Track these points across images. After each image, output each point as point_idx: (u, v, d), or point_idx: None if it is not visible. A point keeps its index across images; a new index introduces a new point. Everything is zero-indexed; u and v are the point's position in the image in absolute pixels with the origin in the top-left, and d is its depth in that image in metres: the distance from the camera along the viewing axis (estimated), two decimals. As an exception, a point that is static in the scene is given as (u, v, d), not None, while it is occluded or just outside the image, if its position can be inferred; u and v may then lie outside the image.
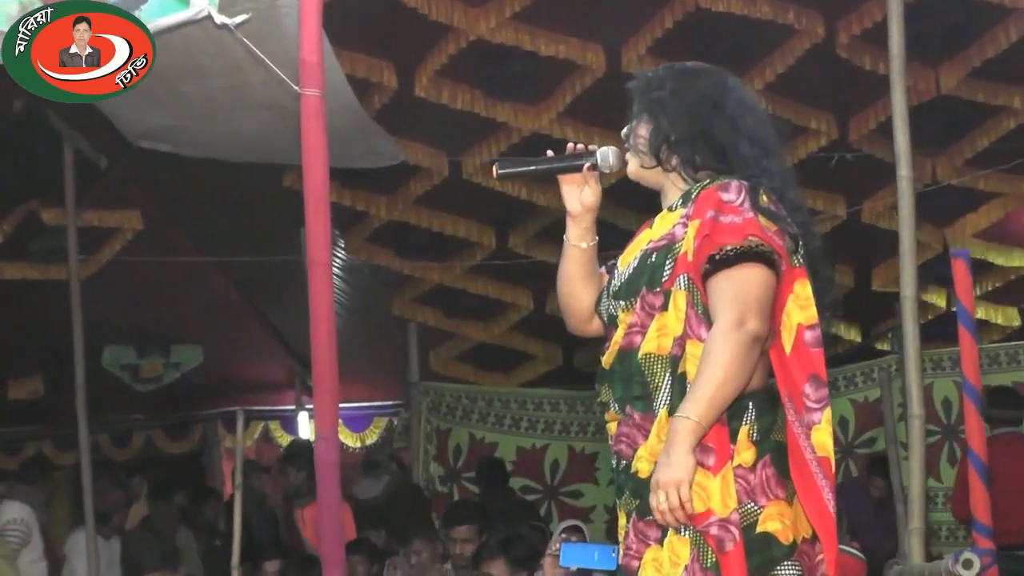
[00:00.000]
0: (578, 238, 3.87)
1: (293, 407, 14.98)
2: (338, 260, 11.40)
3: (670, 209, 3.73)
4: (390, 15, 8.30)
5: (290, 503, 11.17)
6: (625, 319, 3.66)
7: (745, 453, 3.52)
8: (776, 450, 3.55)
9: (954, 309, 6.39)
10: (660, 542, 3.53)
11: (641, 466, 3.58)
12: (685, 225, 3.61)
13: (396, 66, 8.81)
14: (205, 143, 8.33)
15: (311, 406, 7.62)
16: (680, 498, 3.38)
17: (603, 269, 3.91)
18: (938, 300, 11.86)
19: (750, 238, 3.51)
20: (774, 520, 3.50)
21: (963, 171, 10.20)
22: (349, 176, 9.38)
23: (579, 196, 3.84)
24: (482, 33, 8.45)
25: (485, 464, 11.13)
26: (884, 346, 12.37)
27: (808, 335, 3.55)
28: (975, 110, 9.65)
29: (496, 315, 12.34)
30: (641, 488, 3.57)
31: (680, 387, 3.54)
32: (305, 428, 14.71)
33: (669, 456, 3.40)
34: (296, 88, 5.99)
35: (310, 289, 5.90)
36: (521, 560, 7.64)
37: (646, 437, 3.58)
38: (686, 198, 3.68)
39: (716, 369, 3.42)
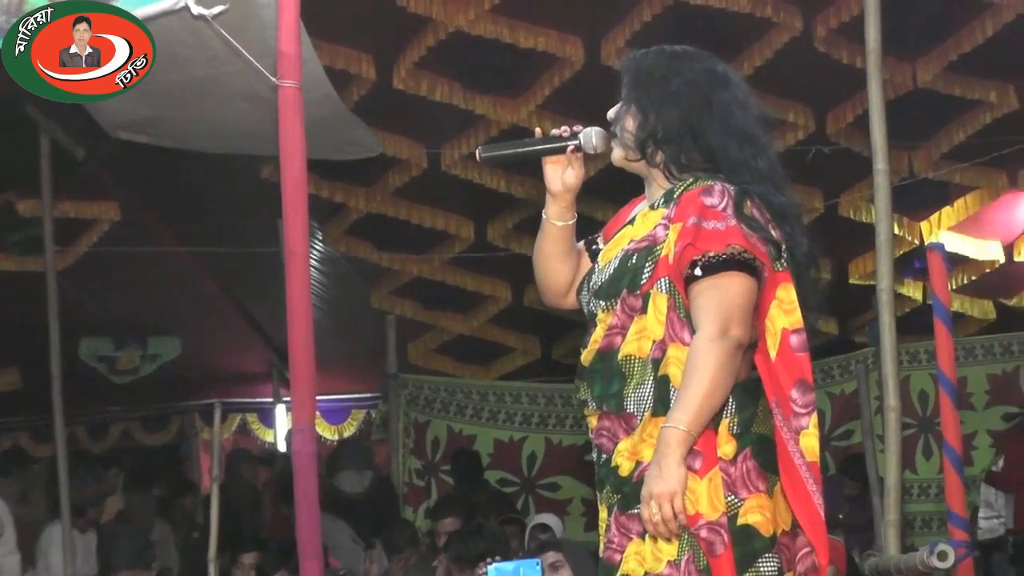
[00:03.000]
0: (558, 216, 3.87)
1: (271, 399, 14.96)
2: (316, 252, 11.39)
3: (652, 207, 3.72)
4: (369, 7, 8.31)
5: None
6: (606, 319, 3.65)
7: (726, 446, 3.53)
8: (756, 443, 3.55)
9: (930, 302, 6.42)
10: (643, 536, 3.53)
11: (621, 462, 3.59)
12: (667, 227, 3.60)
13: (375, 58, 8.80)
14: (182, 134, 8.31)
15: (289, 398, 7.62)
16: (673, 510, 3.39)
17: (582, 244, 3.91)
18: (914, 293, 11.88)
19: (733, 246, 3.50)
20: (755, 512, 3.51)
21: (939, 165, 10.23)
22: (327, 168, 9.38)
23: (561, 176, 3.83)
24: (461, 25, 8.45)
25: (460, 456, 11.14)
26: (861, 339, 12.39)
27: (794, 339, 3.55)
28: (952, 104, 9.67)
29: (474, 307, 12.34)
30: (622, 483, 3.58)
31: (662, 389, 3.54)
32: (282, 420, 14.71)
33: (661, 467, 3.40)
34: (274, 79, 5.98)
35: (287, 281, 5.89)
36: (466, 560, 7.62)
37: (627, 433, 3.59)
38: (668, 197, 3.67)
39: (703, 378, 3.42)
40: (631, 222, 3.76)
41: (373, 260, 11.45)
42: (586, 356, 3.70)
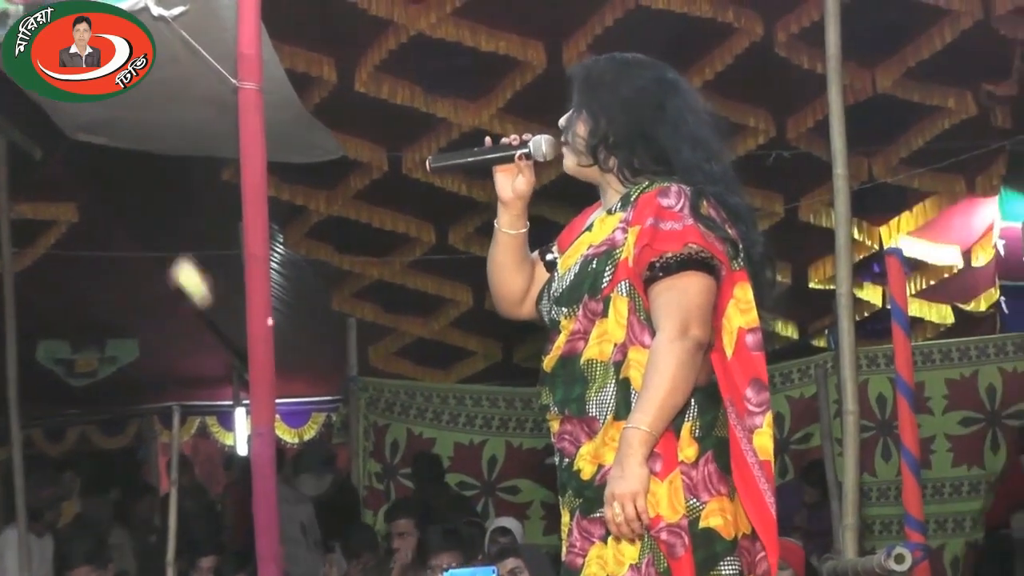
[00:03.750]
0: (509, 225, 3.86)
1: (231, 402, 14.92)
2: (276, 255, 11.37)
3: (609, 212, 3.72)
4: (330, 9, 8.29)
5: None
6: (568, 326, 3.65)
7: (688, 449, 3.53)
8: (718, 446, 3.56)
9: (889, 307, 6.45)
10: (604, 540, 3.54)
11: (583, 466, 3.59)
12: (625, 230, 3.61)
13: (336, 61, 8.79)
14: (142, 136, 8.29)
15: (248, 401, 7.61)
16: (636, 510, 3.39)
17: (536, 254, 3.91)
18: (873, 298, 11.93)
19: (690, 245, 3.51)
20: (716, 516, 3.51)
21: (898, 170, 10.28)
22: (288, 170, 9.36)
23: (512, 184, 3.83)
24: (422, 28, 8.44)
25: (420, 459, 11.12)
26: (820, 343, 12.45)
27: (749, 339, 3.56)
28: (911, 110, 9.73)
29: (435, 311, 12.34)
30: (584, 487, 3.58)
31: (623, 393, 3.54)
32: (242, 423, 14.66)
33: (623, 468, 3.41)
34: (234, 81, 5.97)
35: (247, 284, 5.88)
36: (468, 552, 7.67)
37: (589, 437, 3.59)
38: (625, 201, 3.67)
39: (664, 379, 3.42)
40: (589, 228, 3.76)
41: (334, 263, 11.43)
42: (548, 362, 3.70)
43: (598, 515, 3.52)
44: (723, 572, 3.52)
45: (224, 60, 6.03)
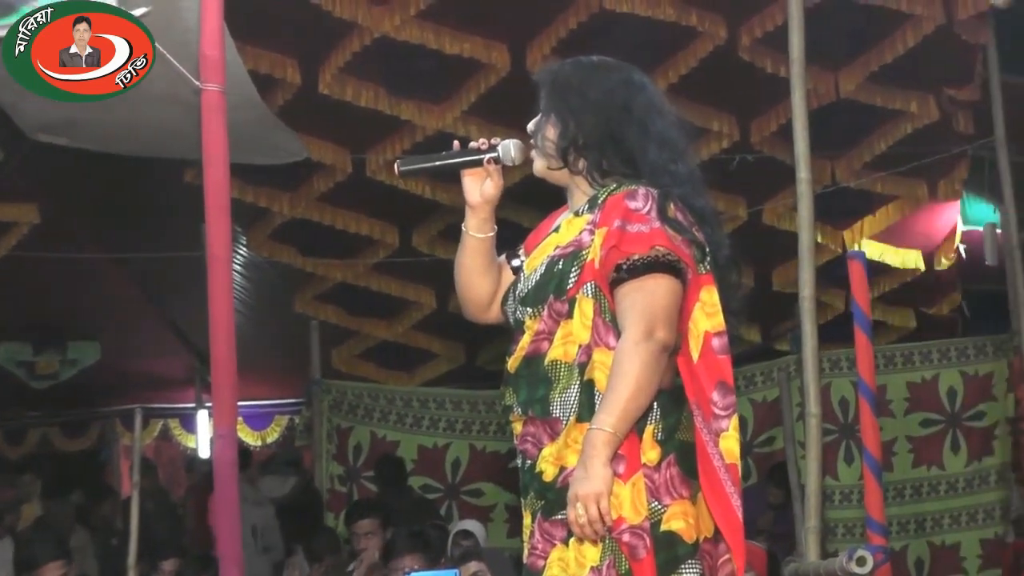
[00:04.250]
0: (477, 228, 3.86)
1: (193, 405, 14.88)
2: (239, 257, 11.34)
3: (576, 214, 3.72)
4: (294, 11, 8.26)
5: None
6: (532, 326, 3.65)
7: (650, 452, 3.53)
8: (681, 449, 3.55)
9: (851, 310, 6.46)
10: (566, 542, 3.54)
11: (545, 468, 3.59)
12: (592, 232, 3.61)
13: (300, 62, 8.76)
14: (104, 136, 8.25)
15: (211, 404, 7.60)
16: (599, 511, 3.38)
17: (503, 258, 3.91)
18: (836, 301, 11.96)
19: (657, 248, 3.51)
20: (678, 519, 3.51)
21: (862, 174, 10.31)
22: (251, 172, 9.33)
23: (480, 188, 3.83)
24: (386, 31, 8.43)
25: (383, 462, 11.11)
26: (783, 346, 12.47)
27: (715, 342, 3.57)
28: (874, 114, 9.75)
29: (399, 313, 12.32)
30: (546, 489, 3.58)
31: (587, 394, 3.54)
32: (204, 426, 14.62)
33: (586, 469, 3.40)
34: (197, 83, 5.97)
35: (210, 286, 5.88)
36: (433, 555, 7.67)
37: (552, 439, 3.58)
38: (592, 203, 3.67)
39: (628, 380, 3.42)
40: (556, 230, 3.76)
41: (297, 265, 11.39)
42: (512, 363, 3.69)
43: (559, 517, 3.52)
44: (684, 575, 3.52)
45: (187, 61, 6.02)
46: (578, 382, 3.57)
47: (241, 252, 11.24)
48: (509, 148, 3.80)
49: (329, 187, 10.14)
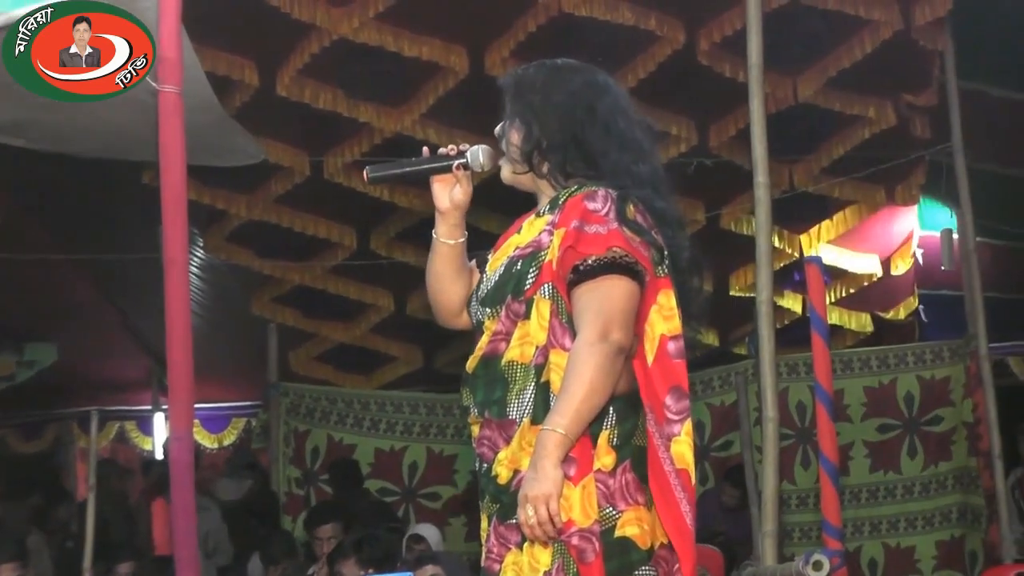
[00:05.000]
0: (447, 235, 3.85)
1: (150, 407, 14.83)
2: (196, 259, 11.30)
3: (538, 215, 3.72)
4: (252, 12, 8.23)
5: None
6: (491, 326, 3.65)
7: (605, 458, 3.51)
8: (636, 455, 3.54)
9: (808, 315, 6.49)
10: (520, 546, 3.53)
11: (500, 471, 3.58)
12: (551, 233, 3.61)
13: (257, 64, 8.73)
14: (60, 138, 8.21)
15: (168, 406, 7.57)
16: (549, 512, 3.37)
17: (473, 263, 3.91)
18: (794, 305, 12.00)
19: (614, 249, 3.50)
20: (632, 525, 3.50)
21: (819, 179, 10.34)
22: (209, 174, 9.29)
23: (450, 194, 3.82)
24: (345, 33, 8.41)
25: (338, 465, 11.09)
26: (741, 351, 12.50)
27: (671, 346, 3.56)
28: (832, 119, 9.78)
29: (356, 316, 12.29)
30: (501, 492, 3.57)
31: (543, 396, 3.53)
32: (161, 429, 14.58)
33: (536, 470, 3.39)
34: (154, 84, 5.94)
35: (166, 288, 5.85)
36: (374, 560, 7.65)
37: (507, 442, 3.57)
38: (553, 204, 3.67)
39: (582, 382, 3.41)
40: (518, 231, 3.76)
41: (254, 267, 11.35)
42: (471, 363, 3.69)
43: (515, 521, 3.50)
44: None
45: (144, 63, 5.98)
46: (534, 383, 3.56)
47: (198, 254, 11.20)
48: (478, 154, 3.79)
49: (287, 189, 10.11)
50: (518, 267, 3.63)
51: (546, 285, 3.58)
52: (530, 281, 3.60)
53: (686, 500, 3.51)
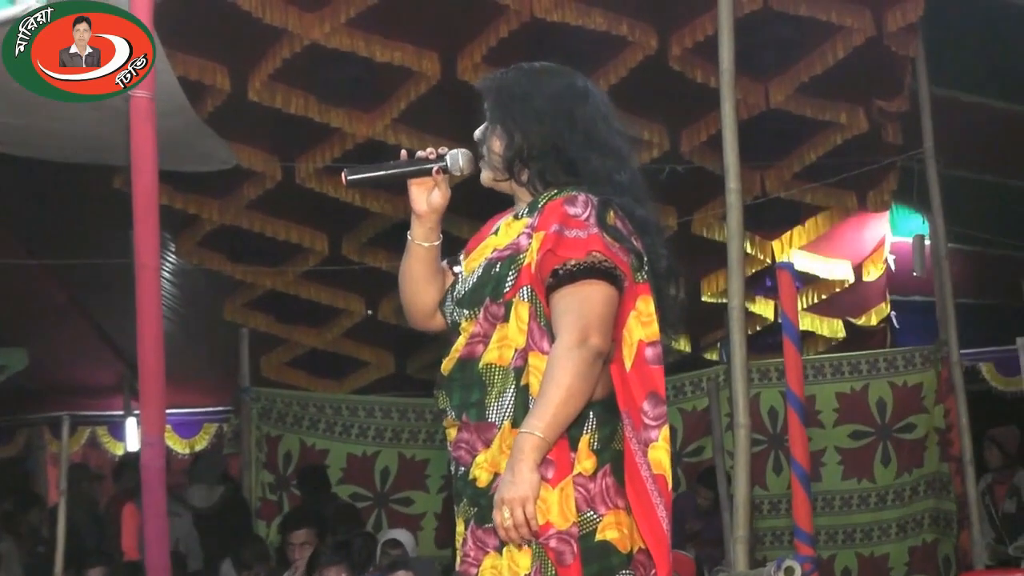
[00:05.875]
0: (423, 237, 3.83)
1: (121, 412, 14.77)
2: (168, 264, 11.27)
3: (516, 217, 3.71)
4: (223, 18, 8.22)
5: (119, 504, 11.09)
6: (468, 328, 3.63)
7: (585, 462, 3.50)
8: (616, 459, 3.53)
9: (780, 320, 6.50)
10: (499, 550, 3.51)
11: (480, 474, 3.56)
12: (530, 236, 3.59)
13: (229, 69, 8.72)
14: (32, 142, 8.18)
15: (140, 411, 7.55)
16: (525, 515, 3.36)
17: (445, 263, 3.89)
18: (765, 311, 12.02)
19: (594, 254, 3.48)
20: (612, 529, 3.49)
21: (791, 184, 10.36)
22: (180, 179, 9.28)
23: (427, 197, 3.80)
24: (316, 38, 8.40)
25: (307, 471, 11.07)
26: (712, 356, 12.52)
27: (649, 352, 3.55)
28: (803, 125, 9.81)
29: (328, 321, 12.28)
30: (479, 496, 3.55)
31: (522, 399, 3.52)
32: (133, 434, 14.52)
33: (513, 473, 3.38)
34: (126, 89, 5.93)
35: (138, 293, 5.84)
36: (358, 566, 7.65)
37: (486, 445, 3.56)
38: (532, 207, 3.66)
39: (560, 386, 3.40)
40: (495, 232, 3.74)
41: (226, 272, 11.34)
42: (446, 365, 3.66)
43: (492, 525, 3.47)
44: None
45: (116, 67, 5.97)
46: (514, 386, 3.54)
47: (170, 259, 11.18)
48: (457, 158, 3.77)
49: (258, 194, 10.10)
50: (496, 269, 3.62)
51: (525, 288, 3.56)
52: (509, 284, 3.59)
53: (662, 506, 3.49)
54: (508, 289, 3.58)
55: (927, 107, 9.46)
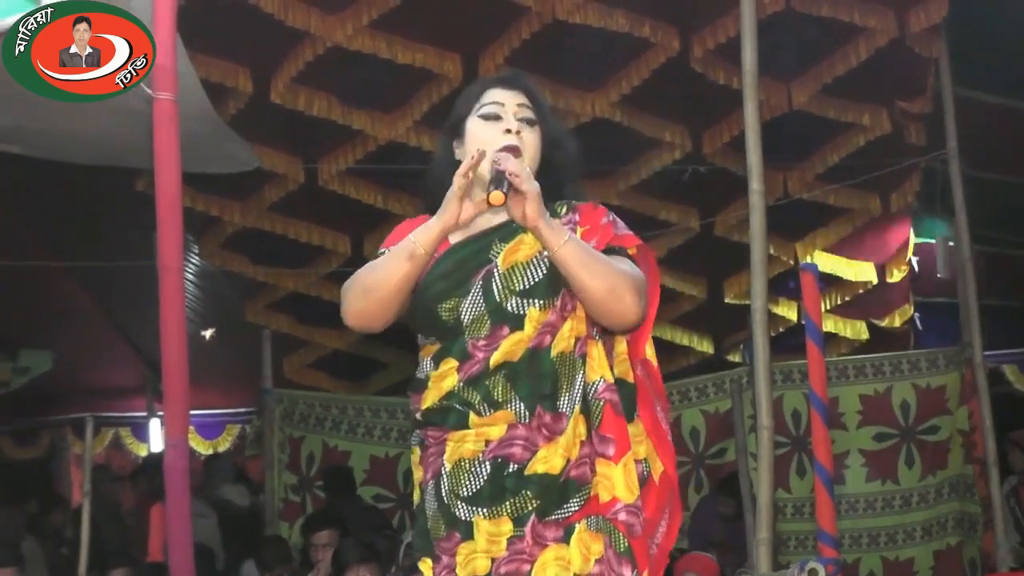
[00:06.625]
0: (431, 246, 3.79)
1: (144, 413, 14.81)
2: (191, 266, 11.29)
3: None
4: (246, 20, 8.23)
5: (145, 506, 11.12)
6: (540, 318, 3.62)
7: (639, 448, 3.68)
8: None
9: (803, 322, 6.48)
10: (560, 541, 3.55)
11: (554, 461, 3.56)
12: (574, 230, 3.63)
13: (252, 71, 8.73)
14: (55, 145, 8.21)
15: (163, 412, 7.56)
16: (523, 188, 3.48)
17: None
18: (788, 313, 12.00)
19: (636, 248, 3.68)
20: None
21: (814, 186, 10.33)
22: (203, 181, 9.29)
23: (461, 212, 3.67)
24: (339, 40, 8.41)
25: (331, 472, 11.07)
26: (735, 358, 12.50)
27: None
28: (826, 126, 9.78)
29: (351, 324, 12.26)
30: (549, 486, 3.56)
31: (583, 387, 3.61)
32: (157, 435, 14.56)
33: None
34: (149, 91, 5.94)
35: (161, 295, 5.85)
36: (385, 566, 7.66)
37: (552, 436, 3.57)
38: (553, 214, 3.67)
39: (610, 268, 3.52)
40: (508, 232, 3.72)
41: (248, 274, 11.35)
42: (507, 356, 3.62)
43: (555, 517, 3.55)
44: None
45: (139, 70, 5.98)
46: (581, 374, 3.61)
47: (193, 261, 11.19)
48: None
49: (281, 196, 10.11)
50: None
51: None
52: None
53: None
54: None
55: (950, 108, 9.43)
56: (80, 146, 8.23)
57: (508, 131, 3.74)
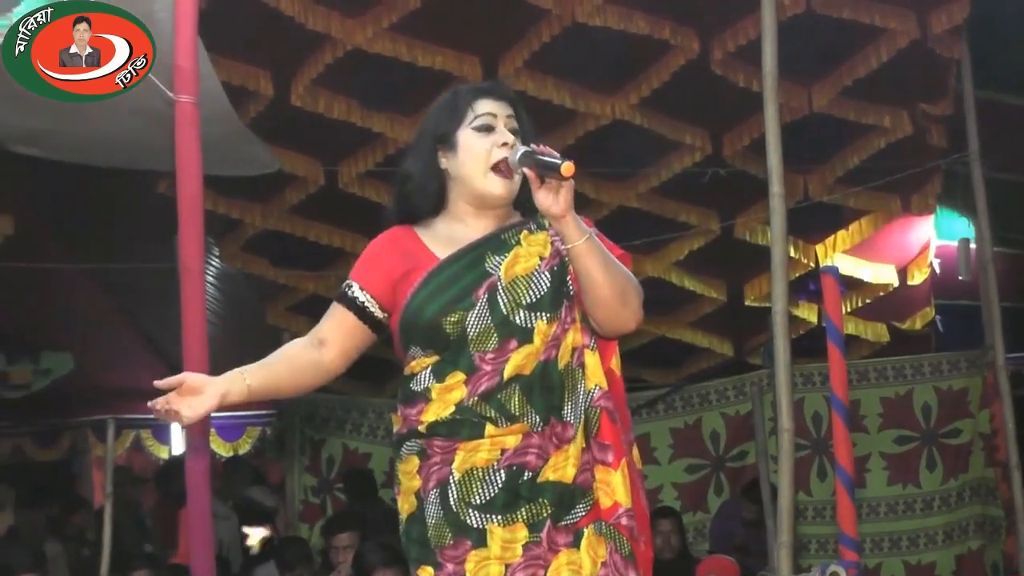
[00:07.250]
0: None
1: (166, 416, 14.81)
2: (212, 268, 11.30)
3: (530, 231, 3.81)
4: (267, 23, 8.24)
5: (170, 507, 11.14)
6: (547, 331, 3.67)
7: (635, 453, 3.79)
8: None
9: (824, 325, 6.48)
10: (571, 545, 3.61)
11: (568, 468, 3.64)
12: (562, 243, 3.70)
13: (272, 74, 8.74)
14: (77, 148, 8.23)
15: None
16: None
17: (343, 307, 4.23)
18: (809, 315, 11.97)
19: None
20: None
21: (834, 188, 10.30)
22: (224, 184, 9.30)
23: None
24: (359, 43, 8.41)
25: (352, 475, 11.08)
26: (756, 360, 12.47)
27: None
28: (846, 128, 9.76)
29: (371, 326, 12.26)
30: (564, 490, 3.62)
31: (585, 396, 3.69)
32: (178, 437, 14.58)
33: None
34: (171, 94, 5.96)
35: (182, 297, 5.87)
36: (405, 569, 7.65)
37: (559, 446, 3.64)
38: (540, 225, 3.79)
39: (623, 273, 3.66)
40: (516, 242, 3.75)
41: (269, 277, 11.36)
42: (520, 369, 3.66)
43: (567, 521, 3.62)
44: None
45: (161, 73, 6.00)
46: (582, 384, 3.69)
47: (214, 263, 11.21)
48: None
49: (301, 199, 10.11)
50: (558, 274, 3.73)
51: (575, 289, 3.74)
52: (570, 287, 3.71)
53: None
54: (572, 291, 3.71)
55: (972, 110, 9.41)
56: (101, 149, 8.25)
57: (505, 144, 3.79)
